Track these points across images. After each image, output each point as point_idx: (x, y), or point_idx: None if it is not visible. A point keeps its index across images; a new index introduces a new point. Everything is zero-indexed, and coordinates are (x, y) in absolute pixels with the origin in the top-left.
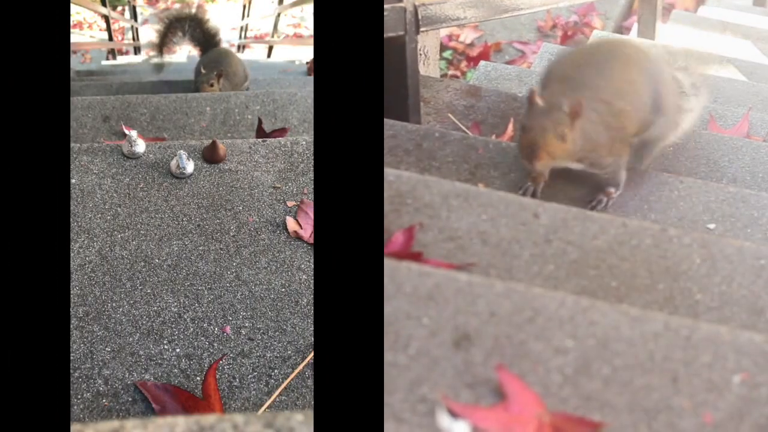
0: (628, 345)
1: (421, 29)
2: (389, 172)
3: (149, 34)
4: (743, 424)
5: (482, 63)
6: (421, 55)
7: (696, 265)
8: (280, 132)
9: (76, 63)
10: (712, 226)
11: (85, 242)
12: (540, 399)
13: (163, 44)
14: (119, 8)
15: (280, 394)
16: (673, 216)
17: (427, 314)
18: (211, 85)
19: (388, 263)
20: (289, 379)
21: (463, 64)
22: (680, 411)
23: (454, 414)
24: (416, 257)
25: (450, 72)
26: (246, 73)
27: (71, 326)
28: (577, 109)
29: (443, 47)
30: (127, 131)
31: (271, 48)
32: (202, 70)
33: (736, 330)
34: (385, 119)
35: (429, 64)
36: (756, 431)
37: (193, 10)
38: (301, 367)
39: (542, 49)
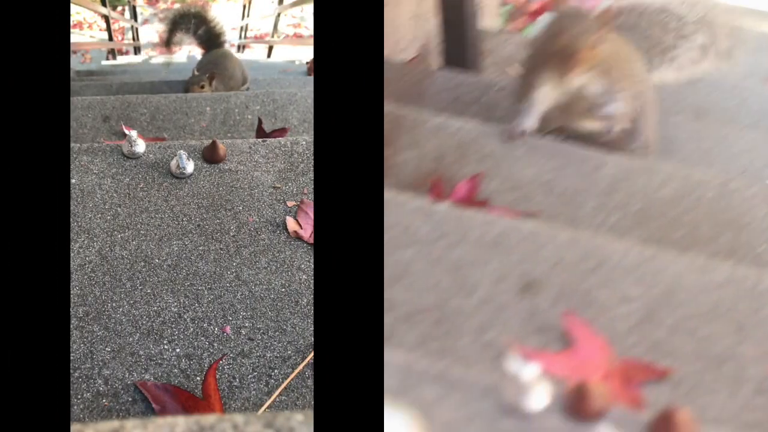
0: (694, 294)
1: None
2: (452, 123)
3: (150, 33)
4: None
5: (541, 17)
6: (480, 8)
7: (759, 218)
8: (280, 132)
9: (76, 63)
10: None
11: (85, 242)
12: (607, 346)
13: (170, 42)
14: (119, 8)
15: (280, 394)
16: (735, 169)
17: (493, 261)
18: (202, 87)
19: (454, 211)
20: (289, 379)
21: (523, 18)
22: (746, 360)
23: (522, 358)
24: (481, 205)
25: (509, 26)
26: (245, 75)
27: (71, 326)
28: (608, 15)
29: (503, 2)
30: (127, 131)
31: (271, 48)
32: (195, 72)
33: None
34: (447, 71)
35: (489, 18)
36: None
37: (198, 8)
38: (301, 367)
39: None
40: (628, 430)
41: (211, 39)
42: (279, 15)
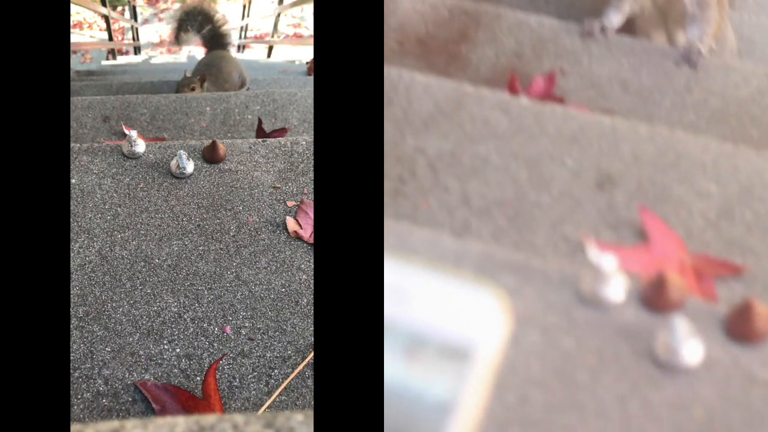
0: None
1: None
2: (531, 19)
3: (150, 33)
4: None
5: None
6: None
7: None
8: (280, 132)
9: (76, 63)
10: None
11: (85, 242)
12: (682, 241)
13: (178, 39)
14: (119, 8)
15: (280, 394)
16: None
17: (570, 155)
18: (192, 89)
19: (533, 106)
20: (289, 379)
21: None
22: None
23: (600, 250)
24: (559, 101)
25: None
26: (243, 78)
27: (71, 326)
28: None
29: None
30: (127, 131)
31: (271, 48)
32: (187, 74)
33: None
34: None
35: None
36: None
37: (205, 7)
38: (301, 367)
39: None
40: (704, 323)
41: (215, 39)
42: (279, 15)
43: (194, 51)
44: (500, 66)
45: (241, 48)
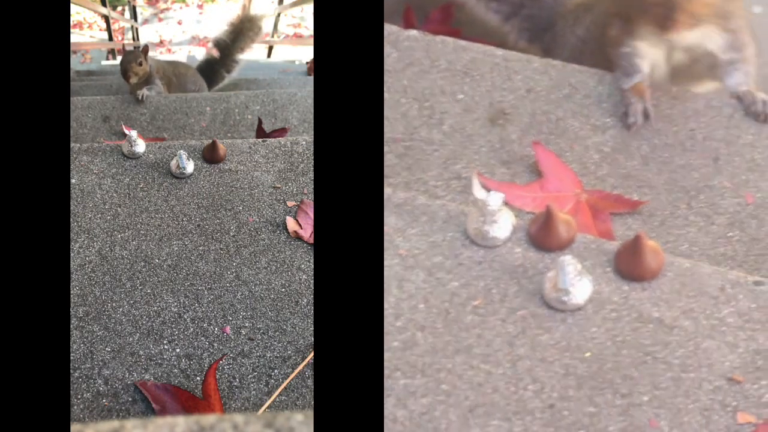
0: (669, 122)
1: None
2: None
3: (150, 33)
4: None
5: None
6: None
7: None
8: (280, 132)
9: (76, 63)
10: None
11: (85, 242)
12: (577, 177)
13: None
14: (119, 8)
15: (280, 394)
16: None
17: (462, 90)
18: (140, 64)
19: (423, 37)
20: (289, 379)
21: None
22: (721, 190)
23: (486, 186)
24: (454, 33)
25: None
26: (198, 85)
27: (71, 326)
28: None
29: None
30: (127, 131)
31: (271, 48)
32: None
33: None
34: None
35: None
36: None
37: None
38: (301, 367)
39: None
40: (595, 260)
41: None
42: (279, 15)
43: (194, 51)
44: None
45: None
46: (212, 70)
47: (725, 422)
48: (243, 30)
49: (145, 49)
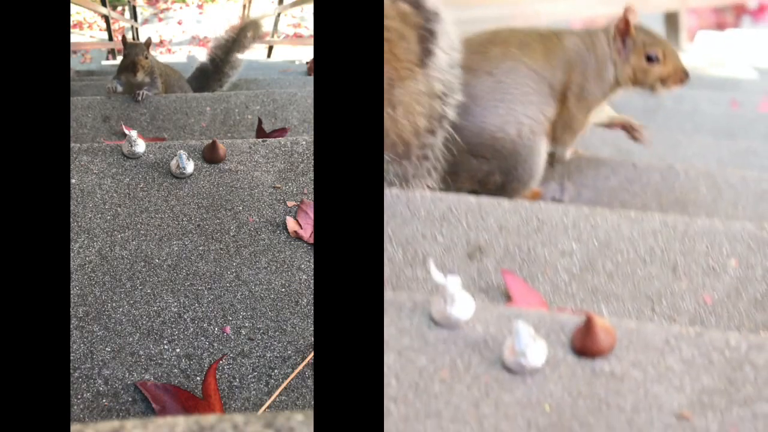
0: (629, 242)
1: None
2: None
3: (150, 33)
4: (740, 300)
5: None
6: None
7: (702, 195)
8: (280, 132)
9: (76, 63)
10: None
11: (85, 242)
12: (543, 299)
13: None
14: (119, 8)
15: (280, 394)
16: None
17: (441, 233)
18: (146, 58)
19: (405, 193)
20: (289, 379)
21: None
22: (681, 294)
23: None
24: None
25: None
26: (183, 87)
27: (71, 326)
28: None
29: None
30: (127, 131)
31: (271, 48)
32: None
33: (729, 221)
34: None
35: None
36: (753, 306)
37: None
38: (301, 367)
39: None
40: (550, 328)
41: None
42: (279, 15)
43: (194, 51)
44: None
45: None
46: (206, 78)
47: None
48: (242, 34)
49: (148, 41)
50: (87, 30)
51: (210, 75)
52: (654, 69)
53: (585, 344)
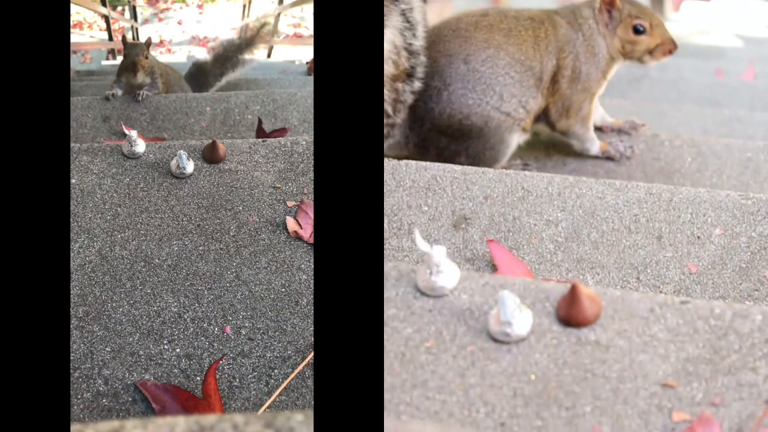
0: (614, 211)
1: None
2: None
3: (150, 33)
4: (725, 269)
5: None
6: None
7: (687, 163)
8: (280, 132)
9: (76, 63)
10: None
11: (85, 242)
12: (527, 268)
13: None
14: (119, 8)
15: (280, 394)
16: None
17: (426, 203)
18: (146, 58)
19: (389, 162)
20: (289, 379)
21: None
22: (666, 263)
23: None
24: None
25: None
26: (182, 86)
27: (71, 326)
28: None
29: None
30: (127, 131)
31: (271, 48)
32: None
33: (714, 190)
34: None
35: None
36: (737, 275)
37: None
38: (301, 367)
39: None
40: (536, 297)
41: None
42: (279, 15)
43: (194, 51)
44: None
45: None
46: (204, 73)
47: (662, 422)
48: (257, 34)
49: (148, 42)
50: (87, 30)
51: (209, 72)
52: (642, 40)
53: (570, 313)
